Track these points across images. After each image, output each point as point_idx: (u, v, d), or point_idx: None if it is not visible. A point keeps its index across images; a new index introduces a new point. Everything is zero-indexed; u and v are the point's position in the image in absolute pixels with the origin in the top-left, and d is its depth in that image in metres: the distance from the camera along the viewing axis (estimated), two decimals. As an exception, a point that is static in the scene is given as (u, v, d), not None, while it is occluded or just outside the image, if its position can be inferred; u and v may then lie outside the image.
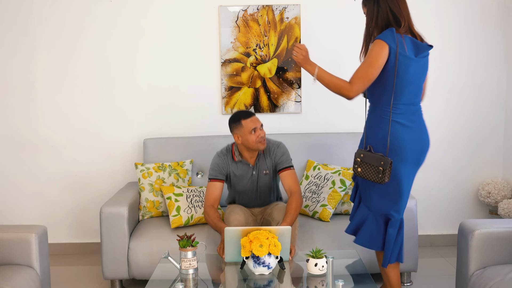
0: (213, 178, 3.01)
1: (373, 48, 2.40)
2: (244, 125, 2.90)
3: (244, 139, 2.91)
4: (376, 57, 2.38)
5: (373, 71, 2.39)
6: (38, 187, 3.90)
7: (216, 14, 3.79)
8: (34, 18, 3.76)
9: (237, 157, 3.01)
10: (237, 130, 2.93)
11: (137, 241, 3.11)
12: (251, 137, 2.89)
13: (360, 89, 2.42)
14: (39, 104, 3.84)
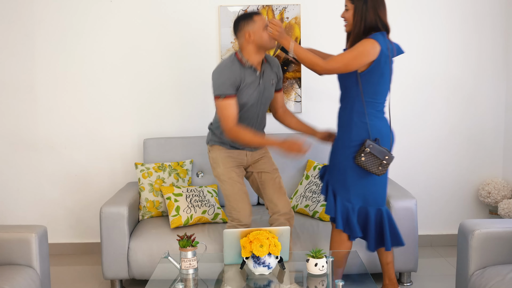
0: (228, 94, 2.71)
1: (365, 44, 2.49)
2: (256, 20, 2.74)
3: (257, 35, 2.71)
4: (364, 53, 2.49)
5: (355, 64, 2.50)
6: (38, 187, 3.90)
7: (216, 14, 3.79)
8: (34, 18, 3.76)
9: (246, 63, 2.77)
10: (249, 27, 2.72)
11: (137, 241, 3.11)
12: (264, 33, 2.74)
13: (332, 71, 2.55)
14: (39, 104, 3.84)
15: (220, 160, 2.90)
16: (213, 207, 3.32)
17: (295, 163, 3.65)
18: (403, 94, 3.87)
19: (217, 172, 2.93)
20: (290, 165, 3.64)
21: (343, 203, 2.67)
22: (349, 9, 2.58)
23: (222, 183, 2.90)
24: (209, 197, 3.38)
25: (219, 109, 2.76)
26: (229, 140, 2.86)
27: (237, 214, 2.85)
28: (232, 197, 2.87)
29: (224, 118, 2.74)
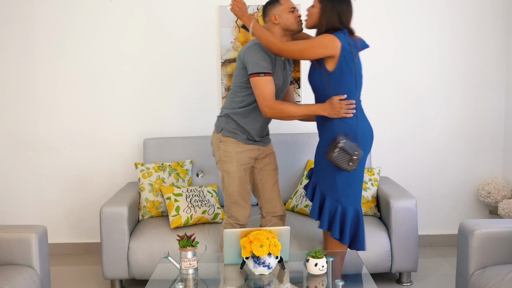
0: (268, 72, 2.63)
1: (324, 37, 2.56)
2: (282, 3, 2.75)
3: (284, 18, 2.71)
4: (322, 44, 2.54)
5: (311, 52, 2.56)
6: (38, 187, 3.90)
7: (216, 14, 3.79)
8: (34, 18, 3.76)
9: None
10: (275, 10, 2.72)
11: (137, 241, 3.11)
12: (291, 15, 2.74)
13: (286, 52, 2.58)
14: (39, 104, 3.84)
15: (234, 156, 2.79)
16: (213, 207, 3.32)
17: (295, 163, 3.65)
18: (403, 94, 3.87)
19: (226, 167, 2.81)
20: (290, 165, 3.64)
21: (332, 203, 2.67)
22: (315, 6, 2.65)
23: (229, 179, 2.81)
24: (209, 197, 3.38)
25: (259, 87, 2.64)
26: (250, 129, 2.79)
27: (237, 213, 2.83)
28: (235, 196, 2.83)
29: (264, 95, 2.63)
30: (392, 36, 3.83)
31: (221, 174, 2.85)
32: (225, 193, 2.86)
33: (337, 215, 2.66)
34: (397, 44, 3.83)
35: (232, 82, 2.84)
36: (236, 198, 2.82)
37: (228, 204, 2.86)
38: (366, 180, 3.43)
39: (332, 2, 2.60)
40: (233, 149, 2.79)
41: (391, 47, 3.83)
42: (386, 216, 3.20)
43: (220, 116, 2.87)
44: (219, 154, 2.84)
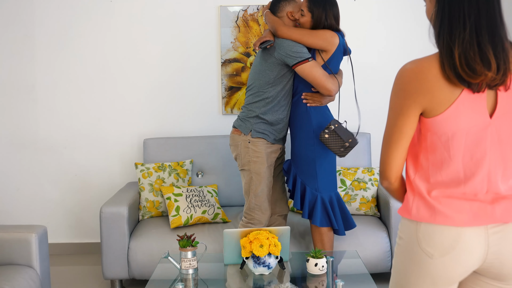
0: (311, 57, 2.68)
1: (326, 31, 2.67)
2: (297, 1, 2.78)
3: (298, 15, 2.75)
4: (323, 36, 2.65)
5: (309, 39, 2.65)
6: (38, 187, 3.90)
7: (216, 14, 3.79)
8: (35, 18, 3.76)
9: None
10: (290, 7, 2.75)
11: (137, 241, 3.11)
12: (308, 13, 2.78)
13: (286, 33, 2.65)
14: (39, 104, 3.84)
15: (265, 157, 2.78)
16: (213, 207, 3.32)
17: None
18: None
19: (257, 168, 2.77)
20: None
21: (312, 192, 2.75)
22: (305, 15, 2.71)
23: (258, 180, 2.78)
24: (209, 197, 3.38)
25: (312, 71, 2.64)
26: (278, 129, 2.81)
27: (261, 215, 2.80)
28: (263, 198, 2.80)
29: (322, 75, 2.65)
30: (392, 38, 3.83)
31: (249, 175, 2.80)
32: (251, 195, 2.80)
33: (318, 204, 2.74)
34: (395, 43, 3.83)
35: (257, 80, 2.79)
36: (262, 200, 2.80)
37: (253, 206, 2.81)
38: (366, 180, 3.43)
39: (324, 9, 2.67)
40: (264, 149, 2.78)
41: (390, 45, 3.83)
42: (386, 216, 3.20)
43: (246, 117, 2.83)
44: (248, 155, 2.79)
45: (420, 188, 1.40)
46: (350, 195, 3.37)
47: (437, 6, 1.38)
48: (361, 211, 3.35)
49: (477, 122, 1.33)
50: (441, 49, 1.34)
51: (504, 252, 1.35)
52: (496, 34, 1.30)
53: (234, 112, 3.84)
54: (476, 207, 1.35)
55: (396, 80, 1.41)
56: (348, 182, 3.38)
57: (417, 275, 1.39)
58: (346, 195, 3.38)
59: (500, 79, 1.30)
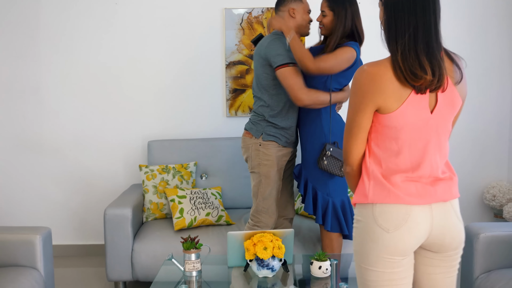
0: (294, 62, 2.64)
1: (348, 53, 2.62)
2: (304, 1, 2.77)
3: (300, 16, 2.73)
4: (347, 60, 2.62)
5: (337, 68, 2.63)
6: (42, 188, 3.91)
7: (221, 16, 3.80)
8: (40, 20, 3.78)
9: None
10: (295, 4, 2.73)
11: (141, 243, 3.11)
12: (307, 16, 2.76)
13: (320, 68, 2.60)
14: (44, 106, 3.85)
15: (276, 160, 2.77)
16: (217, 209, 3.31)
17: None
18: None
19: (266, 171, 2.77)
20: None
21: (323, 197, 2.75)
22: (327, 15, 2.69)
23: (267, 183, 2.77)
24: (213, 199, 3.38)
25: (289, 77, 2.63)
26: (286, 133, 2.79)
27: (268, 218, 2.79)
28: (270, 201, 2.79)
29: (297, 84, 2.62)
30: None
31: (258, 178, 2.80)
32: (259, 198, 2.79)
33: (329, 209, 2.74)
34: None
35: (260, 84, 2.78)
36: (270, 203, 2.79)
37: (260, 209, 2.80)
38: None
39: (344, 6, 2.65)
40: (275, 152, 2.77)
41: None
42: (391, 219, 3.18)
43: (256, 121, 2.81)
44: (258, 158, 2.79)
45: (375, 172, 1.60)
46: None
47: (385, 15, 1.58)
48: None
49: (421, 118, 1.55)
50: (391, 54, 1.55)
51: (445, 225, 1.59)
52: (430, 45, 1.51)
53: (239, 115, 3.84)
54: (421, 189, 1.58)
55: (354, 80, 1.59)
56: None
57: (376, 250, 1.57)
58: (351, 198, 3.37)
59: (437, 84, 1.52)
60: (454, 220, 1.61)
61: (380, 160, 1.60)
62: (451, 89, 1.57)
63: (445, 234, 1.59)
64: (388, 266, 1.57)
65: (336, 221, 2.75)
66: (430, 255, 1.65)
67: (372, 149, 1.62)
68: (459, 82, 1.58)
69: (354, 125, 1.60)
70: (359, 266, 1.64)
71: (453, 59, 1.59)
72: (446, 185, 1.61)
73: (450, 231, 1.60)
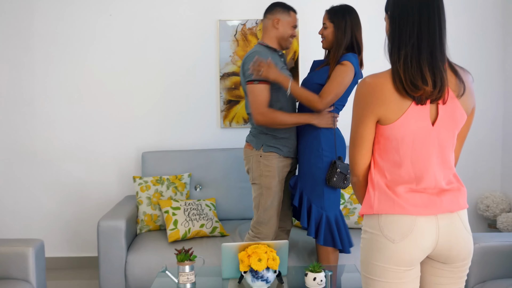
0: (263, 80, 2.65)
1: (344, 70, 2.64)
2: (291, 15, 2.79)
3: (284, 29, 2.76)
4: (346, 78, 2.64)
5: (342, 89, 2.66)
6: (35, 200, 3.89)
7: (215, 28, 3.81)
8: (34, 31, 3.78)
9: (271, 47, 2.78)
10: (282, 16, 2.76)
11: (134, 255, 3.09)
12: (290, 30, 2.79)
13: (329, 102, 2.65)
14: (37, 117, 3.84)
15: (277, 171, 2.77)
16: (211, 220, 3.30)
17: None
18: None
19: (268, 182, 2.76)
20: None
21: (318, 210, 2.74)
22: (328, 27, 2.73)
23: (268, 194, 2.76)
24: (207, 210, 3.37)
25: (252, 94, 2.67)
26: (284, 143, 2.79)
27: (268, 230, 2.78)
28: (272, 212, 2.78)
29: (258, 102, 2.66)
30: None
31: (259, 189, 2.79)
32: (260, 209, 2.79)
33: (323, 223, 2.73)
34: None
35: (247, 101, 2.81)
36: (271, 215, 2.78)
37: (261, 220, 2.79)
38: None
39: (344, 17, 2.69)
40: (276, 163, 2.77)
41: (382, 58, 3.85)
42: (385, 229, 3.18)
43: (256, 133, 2.82)
44: (259, 170, 2.78)
45: (379, 183, 1.62)
46: (349, 209, 3.36)
47: (389, 26, 1.61)
48: (360, 225, 3.34)
49: (421, 129, 1.56)
50: (392, 64, 1.57)
51: (452, 236, 1.59)
52: (434, 55, 1.54)
53: (233, 126, 3.84)
54: (427, 199, 1.58)
55: (356, 92, 1.62)
56: (347, 195, 3.38)
57: (382, 261, 1.58)
58: (345, 209, 3.37)
59: (437, 95, 1.52)
60: (462, 231, 1.61)
61: (384, 171, 1.62)
62: (452, 101, 1.57)
63: (452, 245, 1.59)
64: (394, 276, 1.58)
65: (330, 235, 2.74)
66: (438, 266, 1.65)
67: (376, 160, 1.64)
68: (462, 95, 1.59)
69: (357, 136, 1.63)
70: (365, 276, 1.65)
71: (457, 72, 1.60)
72: (453, 196, 1.61)
73: (457, 242, 1.60)
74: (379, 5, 3.81)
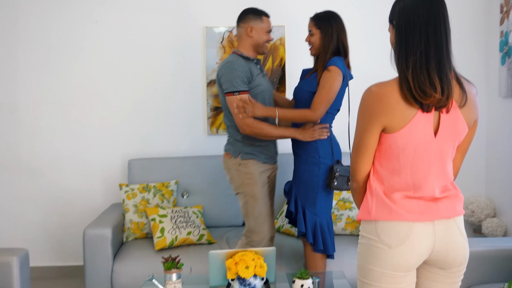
0: (242, 90, 2.65)
1: (331, 76, 2.66)
2: (264, 20, 2.78)
3: (258, 35, 2.76)
4: (335, 83, 2.67)
5: (332, 95, 2.68)
6: (19, 209, 3.84)
7: (202, 35, 3.82)
8: (18, 39, 3.75)
9: (247, 56, 2.77)
10: (255, 23, 2.75)
11: (121, 263, 3.06)
12: (265, 36, 2.79)
13: (323, 112, 2.68)
14: (21, 125, 3.80)
15: (258, 177, 2.76)
16: (198, 228, 3.29)
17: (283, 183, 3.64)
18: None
19: (251, 190, 2.75)
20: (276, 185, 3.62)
21: (311, 216, 2.75)
22: (315, 33, 2.76)
23: (255, 202, 2.75)
24: (194, 218, 3.36)
25: (233, 106, 2.67)
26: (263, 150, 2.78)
27: (260, 237, 2.77)
28: (262, 219, 2.77)
29: (239, 116, 2.65)
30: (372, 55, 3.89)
31: (244, 198, 2.78)
32: (250, 218, 2.77)
33: (318, 229, 2.75)
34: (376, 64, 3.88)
35: (224, 108, 2.81)
36: (262, 221, 2.76)
37: (252, 228, 2.77)
38: (351, 200, 3.44)
39: (329, 23, 2.73)
40: (255, 170, 2.77)
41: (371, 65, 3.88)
42: (372, 236, 3.19)
43: (232, 141, 2.82)
44: (240, 178, 2.78)
45: (377, 190, 1.64)
46: (336, 215, 3.37)
47: (396, 36, 1.62)
48: (347, 231, 3.35)
49: (424, 139, 1.58)
50: (400, 73, 1.58)
51: (448, 242, 1.62)
52: (441, 63, 1.57)
53: (220, 133, 3.84)
54: (423, 206, 1.61)
55: (362, 101, 1.63)
56: (334, 202, 3.39)
57: (379, 266, 1.60)
58: (332, 215, 3.37)
59: (444, 102, 1.55)
60: (458, 236, 1.64)
61: (382, 179, 1.64)
62: (455, 111, 1.60)
63: (448, 251, 1.62)
64: (391, 281, 1.60)
65: (321, 240, 2.75)
66: (434, 271, 1.67)
67: (375, 167, 1.66)
68: (463, 106, 1.62)
69: (361, 144, 1.64)
70: (361, 281, 1.67)
71: (461, 82, 1.63)
72: (450, 202, 1.64)
73: (453, 248, 1.63)
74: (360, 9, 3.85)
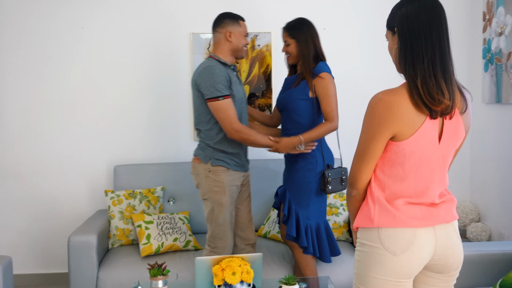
0: (226, 94, 2.62)
1: (327, 83, 2.73)
2: (242, 25, 2.78)
3: (237, 39, 2.75)
4: (333, 88, 2.76)
5: (336, 99, 2.78)
6: (3, 215, 3.79)
7: (189, 41, 3.82)
8: (3, 42, 3.72)
9: (225, 62, 2.75)
10: (232, 28, 2.73)
11: (106, 270, 3.04)
12: (243, 40, 2.78)
13: (337, 117, 2.77)
14: (5, 130, 3.76)
15: (227, 186, 2.73)
16: (184, 234, 3.28)
17: (274, 187, 3.65)
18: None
19: (218, 198, 2.73)
20: (262, 191, 3.63)
21: (304, 220, 2.78)
22: (290, 43, 2.80)
23: (220, 210, 2.73)
24: (180, 224, 3.34)
25: (220, 111, 2.62)
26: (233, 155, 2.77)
27: (224, 243, 2.76)
28: (225, 227, 2.75)
29: (227, 119, 2.62)
30: (360, 63, 3.92)
31: (210, 205, 2.76)
32: (213, 225, 2.76)
33: (313, 233, 2.79)
34: (364, 72, 3.91)
35: (198, 113, 2.77)
36: (225, 229, 2.75)
37: (215, 235, 2.76)
38: (338, 205, 3.45)
39: (302, 30, 2.77)
40: (225, 178, 2.73)
41: (359, 73, 3.91)
42: (358, 241, 3.21)
43: (204, 146, 2.78)
44: (208, 185, 2.74)
45: (379, 197, 1.63)
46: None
47: (399, 42, 1.61)
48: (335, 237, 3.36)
49: (430, 146, 1.59)
50: (408, 80, 1.57)
51: (448, 246, 1.64)
52: (447, 69, 1.57)
53: (206, 138, 3.83)
54: (425, 211, 1.62)
55: (370, 108, 1.61)
56: (320, 207, 3.39)
57: (383, 273, 1.59)
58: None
59: (451, 108, 1.56)
60: (456, 240, 1.67)
61: (384, 186, 1.63)
62: (457, 118, 1.62)
63: (448, 255, 1.64)
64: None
65: (311, 243, 2.78)
66: (431, 275, 1.69)
67: (377, 174, 1.65)
68: (464, 112, 1.64)
69: (367, 152, 1.62)
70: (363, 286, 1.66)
71: (461, 89, 1.65)
72: (447, 206, 1.66)
73: (453, 252, 1.65)
74: (329, 15, 3.88)
